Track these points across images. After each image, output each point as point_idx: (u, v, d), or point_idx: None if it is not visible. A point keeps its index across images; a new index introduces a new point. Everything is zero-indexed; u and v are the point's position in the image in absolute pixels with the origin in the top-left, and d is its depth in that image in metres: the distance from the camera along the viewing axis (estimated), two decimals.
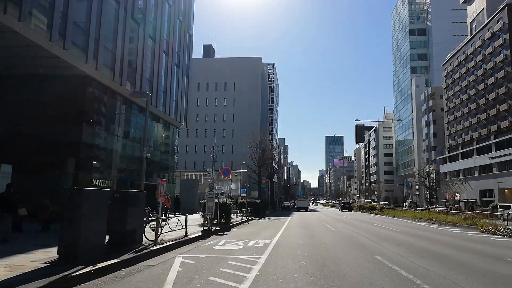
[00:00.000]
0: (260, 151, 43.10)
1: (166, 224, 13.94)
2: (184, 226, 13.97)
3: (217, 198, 20.12)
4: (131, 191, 10.13)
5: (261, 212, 35.32)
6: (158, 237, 11.78)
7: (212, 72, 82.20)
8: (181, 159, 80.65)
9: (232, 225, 21.14)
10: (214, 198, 18.43)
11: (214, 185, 19.42)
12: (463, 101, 62.87)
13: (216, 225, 19.44)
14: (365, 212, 48.35)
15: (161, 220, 12.24)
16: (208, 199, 18.23)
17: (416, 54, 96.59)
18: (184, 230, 13.90)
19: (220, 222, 20.48)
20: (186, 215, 14.22)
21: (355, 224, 24.86)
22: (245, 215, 27.69)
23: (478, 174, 58.40)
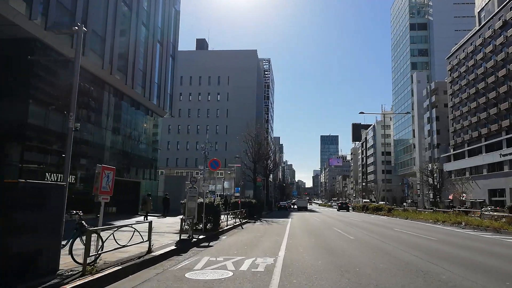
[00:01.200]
0: (256, 145, 38.67)
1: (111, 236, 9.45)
2: (147, 239, 9.43)
3: (203, 197, 15.65)
4: (28, 182, 5.56)
5: (257, 214, 30.88)
6: (97, 259, 7.29)
7: (205, 65, 77.64)
8: (171, 156, 76.09)
9: (221, 231, 16.66)
10: (197, 197, 13.96)
11: (199, 179, 15.00)
12: (470, 96, 58.90)
13: (201, 231, 14.96)
14: (370, 213, 44.08)
15: (101, 230, 7.70)
16: (189, 198, 13.75)
17: (417, 50, 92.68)
18: (148, 244, 9.37)
19: (206, 228, 16.00)
20: (150, 221, 9.66)
21: (370, 228, 20.49)
22: (238, 218, 23.24)
23: (487, 172, 54.41)
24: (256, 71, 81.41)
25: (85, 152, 20.75)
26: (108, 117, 22.65)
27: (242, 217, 24.25)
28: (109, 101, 22.58)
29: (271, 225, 23.08)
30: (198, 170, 61.56)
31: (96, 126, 21.59)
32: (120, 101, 24.14)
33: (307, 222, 26.39)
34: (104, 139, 21.92)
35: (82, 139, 20.09)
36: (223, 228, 17.68)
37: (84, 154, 20.57)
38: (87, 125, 20.40)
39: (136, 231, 8.91)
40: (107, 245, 8.16)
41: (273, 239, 14.55)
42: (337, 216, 36.60)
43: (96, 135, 21.37)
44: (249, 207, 27.45)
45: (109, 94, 22.43)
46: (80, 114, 19.60)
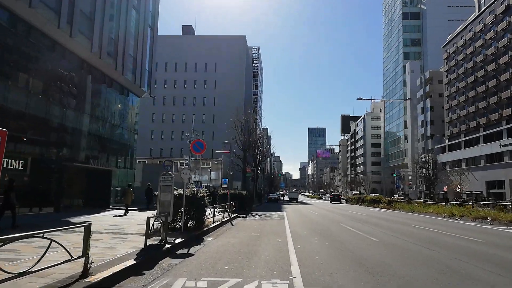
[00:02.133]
0: (245, 132, 35.03)
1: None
2: (82, 253, 5.73)
3: (184, 187, 12.04)
4: None
5: (248, 207, 27.41)
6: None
7: (192, 51, 73.38)
8: (155, 146, 72.01)
9: (206, 231, 13.09)
10: (172, 189, 10.35)
11: (183, 167, 11.46)
12: (468, 84, 56.27)
13: (179, 232, 11.40)
14: (366, 206, 41.08)
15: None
16: (161, 188, 10.13)
17: (409, 39, 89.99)
18: (83, 260, 5.70)
19: (187, 226, 12.42)
20: (88, 225, 5.91)
21: (385, 225, 17.23)
22: (227, 212, 19.72)
23: (485, 163, 52.01)
24: (245, 58, 77.49)
25: (41, 133, 16.87)
26: (70, 93, 18.76)
27: (231, 211, 20.74)
28: (72, 73, 18.65)
29: (265, 220, 19.61)
30: (184, 160, 57.79)
31: (55, 103, 17.70)
32: (87, 75, 20.27)
33: (305, 217, 23.03)
34: (65, 119, 18.08)
35: (36, 116, 16.20)
36: (209, 226, 14.12)
37: (40, 135, 16.70)
38: (42, 101, 16.51)
39: (56, 243, 5.19)
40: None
41: (274, 242, 11.04)
42: (334, 209, 33.41)
43: (54, 114, 17.50)
44: (239, 200, 23.97)
45: (70, 63, 18.49)
46: (32, 87, 15.69)
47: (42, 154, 16.76)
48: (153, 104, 73.79)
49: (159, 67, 74.43)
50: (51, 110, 17.43)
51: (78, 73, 19.60)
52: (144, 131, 72.53)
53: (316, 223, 18.31)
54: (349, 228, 15.39)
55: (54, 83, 17.63)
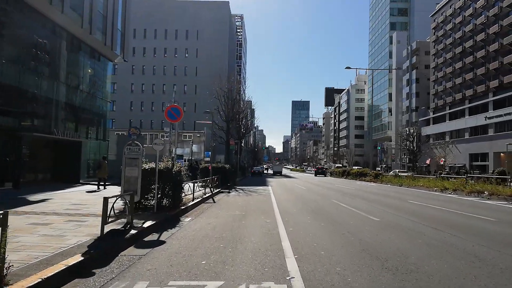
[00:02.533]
0: (229, 101, 33.04)
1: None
2: None
3: (156, 161, 10.32)
4: None
5: (231, 181, 25.93)
6: None
7: (171, 16, 69.48)
8: (135, 118, 69.22)
9: (184, 210, 11.51)
10: (140, 162, 8.63)
11: (157, 140, 9.76)
12: (455, 55, 55.17)
13: (151, 212, 9.79)
14: (352, 179, 40.28)
15: None
16: (126, 162, 8.39)
17: (396, 9, 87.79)
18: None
19: (162, 205, 10.80)
20: (4, 214, 4.16)
21: (378, 200, 16.09)
22: (209, 187, 18.17)
23: (470, 136, 51.79)
24: (228, 25, 74.09)
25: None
26: (29, 53, 16.39)
27: (213, 186, 19.20)
28: (31, 30, 16.22)
29: (250, 196, 18.16)
30: (164, 132, 55.60)
31: (9, 64, 15.38)
32: (50, 33, 17.83)
33: (292, 191, 21.73)
34: (23, 83, 15.82)
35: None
36: (187, 203, 12.54)
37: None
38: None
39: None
40: None
41: (262, 222, 9.55)
42: (320, 183, 32.35)
43: (9, 77, 15.22)
44: (222, 174, 22.41)
45: (28, 19, 16.04)
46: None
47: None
48: (131, 73, 70.50)
49: (138, 33, 70.58)
50: (5, 72, 15.15)
51: (39, 31, 17.18)
52: (123, 102, 69.55)
53: (305, 198, 16.97)
54: (342, 205, 14.05)
55: (8, 40, 15.25)
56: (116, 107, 70.67)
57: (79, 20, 18.08)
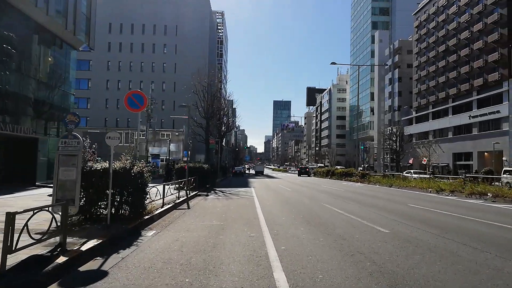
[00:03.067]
0: (208, 97, 30.73)
1: None
2: None
3: (110, 160, 8.09)
4: None
5: (211, 182, 23.73)
6: None
7: (149, 11, 66.45)
8: (110, 116, 65.96)
9: (149, 219, 9.30)
10: (80, 160, 6.38)
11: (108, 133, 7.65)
12: (438, 54, 54.51)
13: (103, 225, 7.57)
14: (337, 179, 38.65)
15: None
16: (60, 160, 6.11)
17: (378, 8, 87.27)
18: None
19: (120, 215, 8.61)
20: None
21: (374, 204, 14.27)
22: (185, 189, 15.95)
23: (453, 135, 51.14)
24: (208, 21, 71.58)
25: None
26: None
27: (190, 188, 16.98)
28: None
29: (231, 199, 16.04)
30: (140, 131, 52.73)
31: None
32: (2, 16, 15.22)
33: (277, 193, 19.70)
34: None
35: None
36: (154, 211, 10.30)
37: None
38: None
39: None
40: None
41: (245, 238, 7.45)
42: (305, 183, 30.48)
43: None
44: (200, 175, 20.17)
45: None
46: None
47: None
48: (107, 69, 67.20)
49: (113, 28, 67.31)
50: None
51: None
52: (98, 99, 66.15)
53: (293, 202, 14.96)
54: (337, 210, 12.09)
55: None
56: (91, 105, 67.35)
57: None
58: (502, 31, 41.67)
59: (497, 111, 42.10)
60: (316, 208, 12.80)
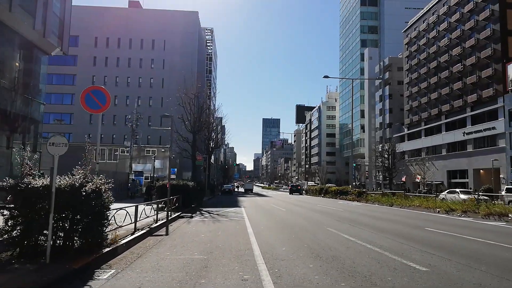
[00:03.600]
0: (196, 109, 28.63)
1: None
2: None
3: (53, 175, 5.93)
4: None
5: (197, 201, 21.45)
6: None
7: (137, 26, 64.88)
8: (95, 132, 62.91)
9: (111, 251, 7.02)
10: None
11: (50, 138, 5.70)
12: (430, 70, 53.83)
13: (40, 263, 5.28)
14: (331, 197, 36.63)
15: None
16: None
17: (367, 26, 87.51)
18: None
19: (72, 246, 6.36)
20: None
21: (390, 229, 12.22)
22: (165, 210, 13.67)
23: (447, 152, 49.88)
24: (197, 37, 70.26)
25: None
26: None
27: (172, 208, 14.71)
28: None
29: (219, 222, 13.80)
30: (125, 147, 50.20)
31: None
32: None
33: (271, 214, 17.50)
34: None
35: None
36: (120, 241, 8.04)
37: None
38: None
39: None
40: None
41: (236, 284, 5.29)
42: (299, 202, 28.33)
43: None
44: (185, 193, 17.91)
45: None
46: None
47: None
48: (92, 84, 64.80)
49: (99, 42, 65.45)
50: None
51: None
52: (82, 114, 63.53)
53: (291, 226, 12.80)
54: (348, 237, 9.97)
55: None
56: (75, 120, 64.83)
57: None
58: (495, 46, 41.01)
59: (493, 128, 40.97)
60: (321, 234, 10.68)
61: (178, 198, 16.71)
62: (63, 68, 64.39)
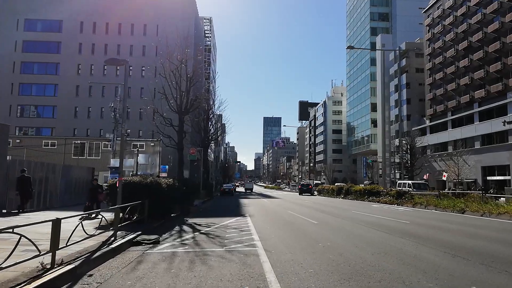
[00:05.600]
0: (186, 79, 20.94)
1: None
2: None
3: None
4: None
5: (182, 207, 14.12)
6: None
7: (126, 9, 57.56)
8: (80, 126, 56.01)
9: None
10: None
11: None
12: (458, 53, 46.43)
13: None
14: (358, 199, 29.27)
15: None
16: None
17: (377, 13, 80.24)
18: None
19: None
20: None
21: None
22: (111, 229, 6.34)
23: (482, 146, 42.51)
24: (194, 22, 62.88)
25: None
26: None
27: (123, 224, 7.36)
28: None
29: (204, 266, 6.43)
30: (107, 140, 42.86)
31: None
32: None
33: (304, 236, 10.04)
34: None
35: None
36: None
37: None
38: None
39: None
40: None
41: None
42: (322, 207, 20.96)
43: None
44: (155, 197, 10.57)
45: None
46: None
47: None
48: (77, 74, 57.55)
49: (85, 28, 58.05)
50: None
51: None
52: (67, 107, 56.26)
53: (367, 270, 5.40)
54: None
55: None
56: (58, 114, 57.51)
57: None
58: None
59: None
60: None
61: (140, 207, 9.39)
62: (45, 55, 57.32)
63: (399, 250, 7.25)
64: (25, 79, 56.71)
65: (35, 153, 39.51)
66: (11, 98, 55.77)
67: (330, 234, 9.66)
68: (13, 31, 56.63)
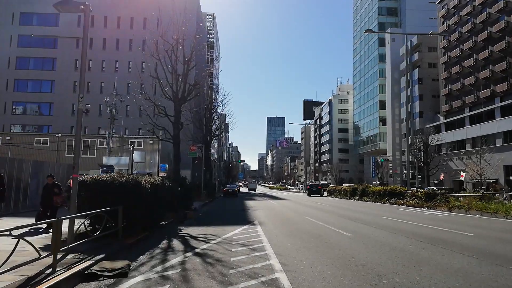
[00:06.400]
0: (177, 61, 17.84)
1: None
2: None
3: None
4: None
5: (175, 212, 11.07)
6: None
7: (125, 2, 54.75)
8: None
9: None
10: None
11: None
12: (477, 44, 43.16)
13: None
14: (377, 201, 26.09)
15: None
16: None
17: (385, 8, 76.95)
18: None
19: None
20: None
21: None
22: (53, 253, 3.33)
23: (504, 143, 39.21)
24: (195, 16, 59.90)
25: None
26: None
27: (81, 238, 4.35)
28: None
29: None
30: (102, 137, 39.98)
31: None
32: None
33: (342, 256, 7.04)
34: None
35: None
36: None
37: None
38: None
39: None
40: None
41: None
42: (342, 211, 17.86)
43: None
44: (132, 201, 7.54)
45: None
46: None
47: None
48: (74, 69, 54.79)
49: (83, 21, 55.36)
50: None
51: None
52: (64, 103, 53.51)
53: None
54: None
55: None
56: (55, 111, 54.71)
57: None
58: None
59: None
60: None
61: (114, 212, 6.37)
62: (41, 51, 54.61)
63: None
64: (20, 75, 54.02)
65: (25, 151, 36.74)
66: (6, 95, 53.11)
67: (383, 257, 6.56)
68: (8, 25, 54.00)
